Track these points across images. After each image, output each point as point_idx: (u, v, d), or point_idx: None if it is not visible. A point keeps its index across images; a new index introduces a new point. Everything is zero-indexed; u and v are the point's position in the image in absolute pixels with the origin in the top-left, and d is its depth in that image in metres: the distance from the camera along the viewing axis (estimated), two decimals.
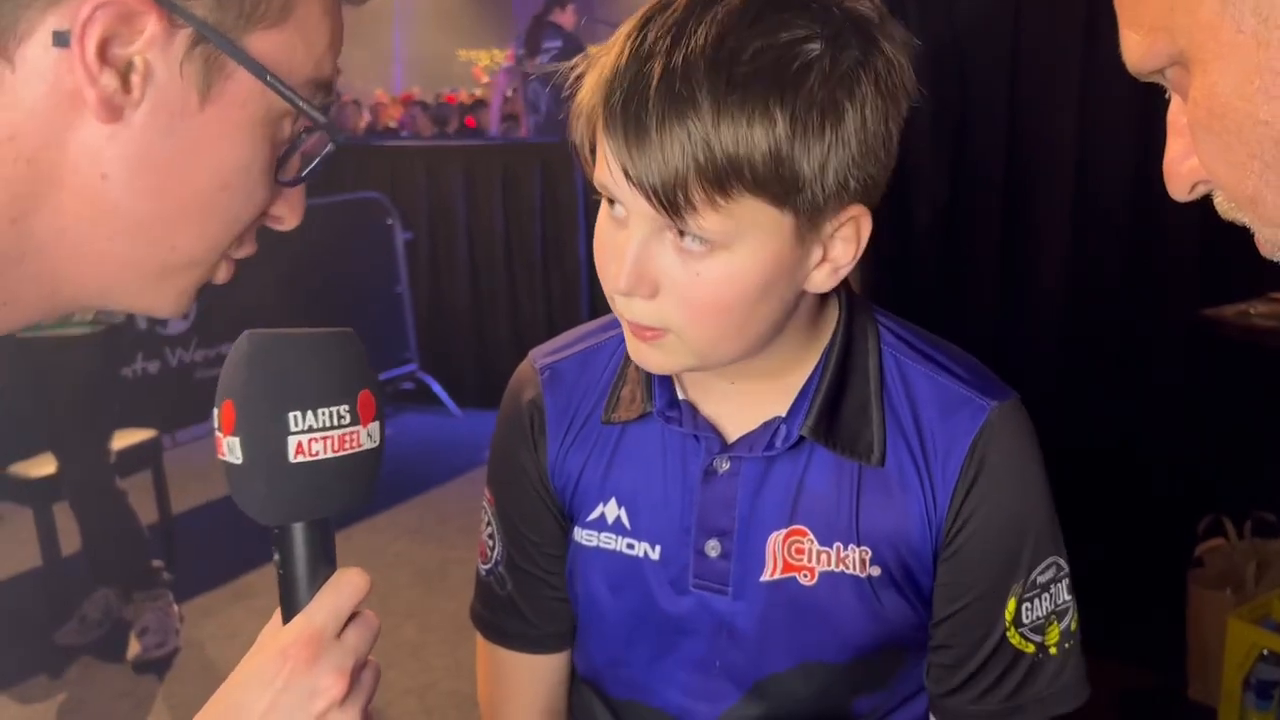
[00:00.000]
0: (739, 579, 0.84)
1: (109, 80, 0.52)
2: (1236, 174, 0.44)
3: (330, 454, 0.63)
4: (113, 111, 0.52)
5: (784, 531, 0.83)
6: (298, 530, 0.64)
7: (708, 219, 0.68)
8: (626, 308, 0.74)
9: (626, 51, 0.69)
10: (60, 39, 0.51)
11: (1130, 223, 2.77)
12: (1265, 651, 2.22)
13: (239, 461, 0.61)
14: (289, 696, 0.60)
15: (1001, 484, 0.82)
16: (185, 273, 0.59)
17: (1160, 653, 2.51)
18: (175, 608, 3.05)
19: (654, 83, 0.67)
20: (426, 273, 4.93)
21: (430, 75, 13.74)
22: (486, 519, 0.96)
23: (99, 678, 2.91)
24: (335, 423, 0.63)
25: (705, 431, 0.83)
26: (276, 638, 0.63)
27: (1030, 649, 0.84)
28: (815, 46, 0.68)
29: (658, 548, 0.86)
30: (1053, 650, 0.85)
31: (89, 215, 0.54)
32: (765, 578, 0.83)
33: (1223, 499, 2.50)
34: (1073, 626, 0.86)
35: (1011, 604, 0.83)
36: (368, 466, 0.66)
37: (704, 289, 0.71)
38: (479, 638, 0.98)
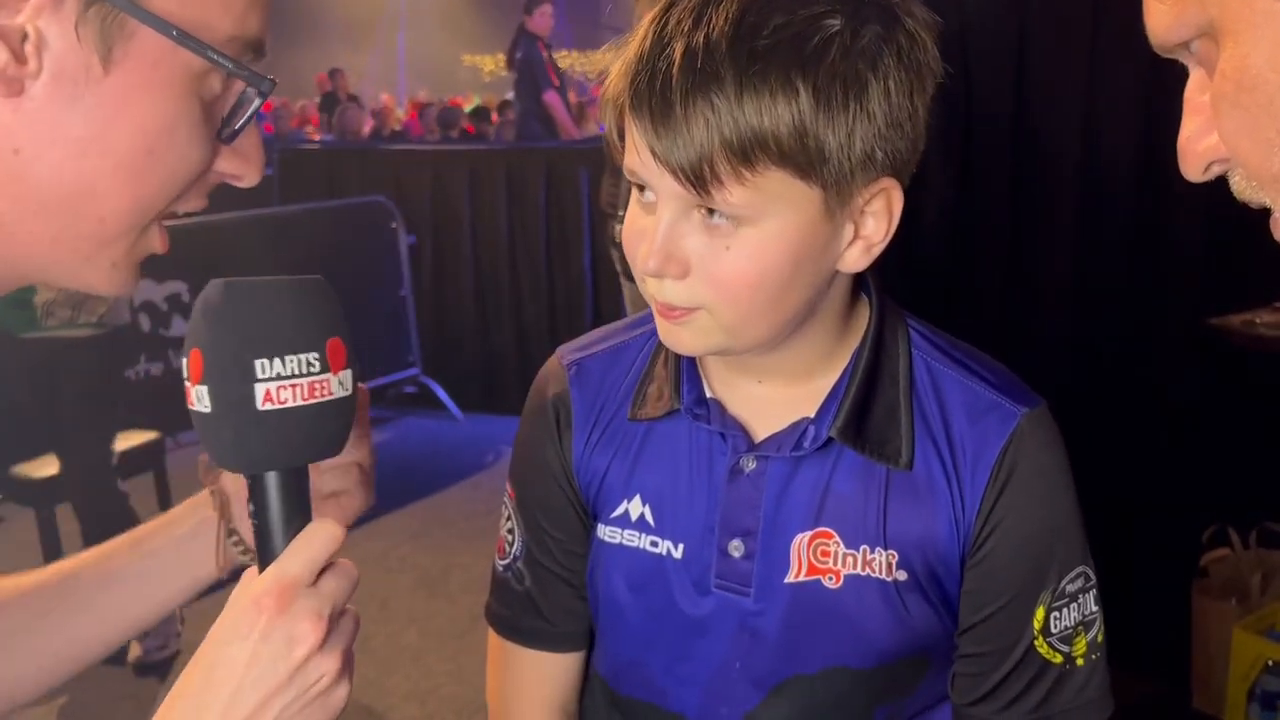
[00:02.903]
0: (762, 580, 0.83)
1: None
2: (1262, 151, 0.42)
3: (299, 402, 0.61)
4: (9, 85, 0.50)
5: (809, 534, 0.82)
6: (270, 480, 0.63)
7: (735, 193, 0.69)
8: (658, 289, 0.75)
9: (650, 36, 0.70)
10: None
11: (1135, 231, 2.76)
12: (1270, 662, 2.21)
13: (208, 410, 0.60)
14: (268, 646, 0.59)
15: (1031, 491, 0.81)
16: (118, 243, 0.57)
17: (1164, 662, 2.49)
18: (176, 610, 3.05)
19: (677, 62, 0.68)
20: (430, 277, 4.93)
21: (435, 80, 13.76)
22: (507, 514, 0.96)
23: (100, 680, 2.90)
24: (304, 370, 0.61)
25: (732, 429, 0.83)
26: (249, 588, 0.61)
27: (1058, 659, 0.83)
28: (835, 22, 0.68)
29: (681, 546, 0.85)
30: (1079, 661, 0.84)
31: (8, 193, 0.53)
32: (789, 579, 0.82)
33: (1228, 509, 2.49)
34: (1099, 638, 0.85)
35: (1040, 612, 0.82)
36: (340, 415, 0.64)
37: (733, 265, 0.71)
38: (490, 634, 0.97)
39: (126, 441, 3.13)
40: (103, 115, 0.52)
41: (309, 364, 0.61)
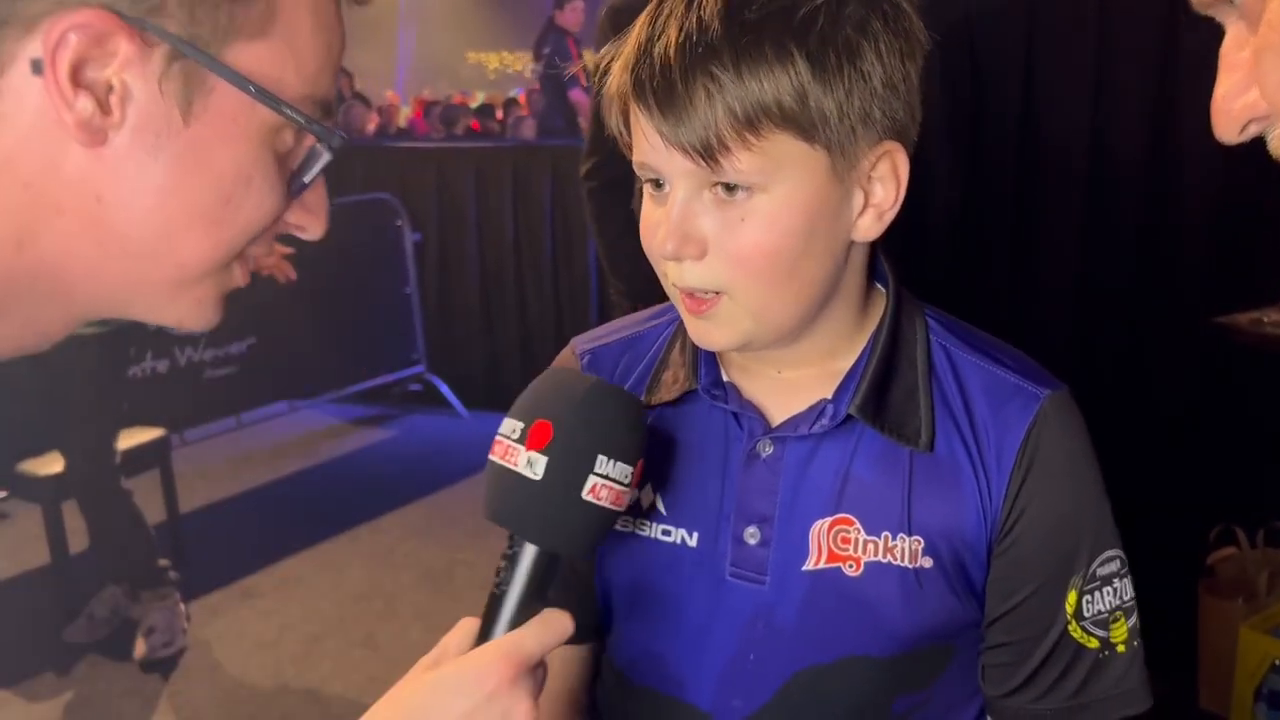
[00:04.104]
0: (778, 568, 0.82)
1: (84, 104, 0.52)
2: None
3: (607, 504, 0.67)
4: (93, 135, 0.52)
5: (829, 520, 0.81)
6: (537, 555, 0.67)
7: (743, 160, 0.70)
8: (678, 274, 0.75)
9: (645, 28, 0.73)
10: (36, 66, 0.51)
11: (1142, 228, 2.75)
12: (1277, 662, 2.20)
13: (535, 477, 0.66)
14: (491, 707, 0.63)
15: (1057, 475, 0.81)
16: (200, 284, 0.59)
17: (1171, 662, 2.48)
18: (182, 607, 3.06)
19: (673, 44, 0.70)
20: (435, 274, 4.93)
21: (440, 77, 13.77)
22: None
23: (106, 676, 2.91)
24: (622, 479, 0.68)
25: (749, 412, 0.83)
26: (490, 650, 0.65)
27: (1094, 644, 0.82)
28: None
29: (695, 534, 0.84)
30: (1120, 648, 0.83)
31: (92, 237, 0.55)
32: (808, 567, 0.81)
33: (1235, 508, 2.48)
34: (1138, 625, 0.84)
35: (1072, 596, 0.82)
36: (607, 527, 0.70)
37: (749, 236, 0.72)
38: None
39: (131, 439, 3.13)
40: (182, 166, 0.55)
41: (626, 474, 0.68)
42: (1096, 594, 0.82)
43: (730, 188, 0.72)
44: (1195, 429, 2.65)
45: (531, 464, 0.66)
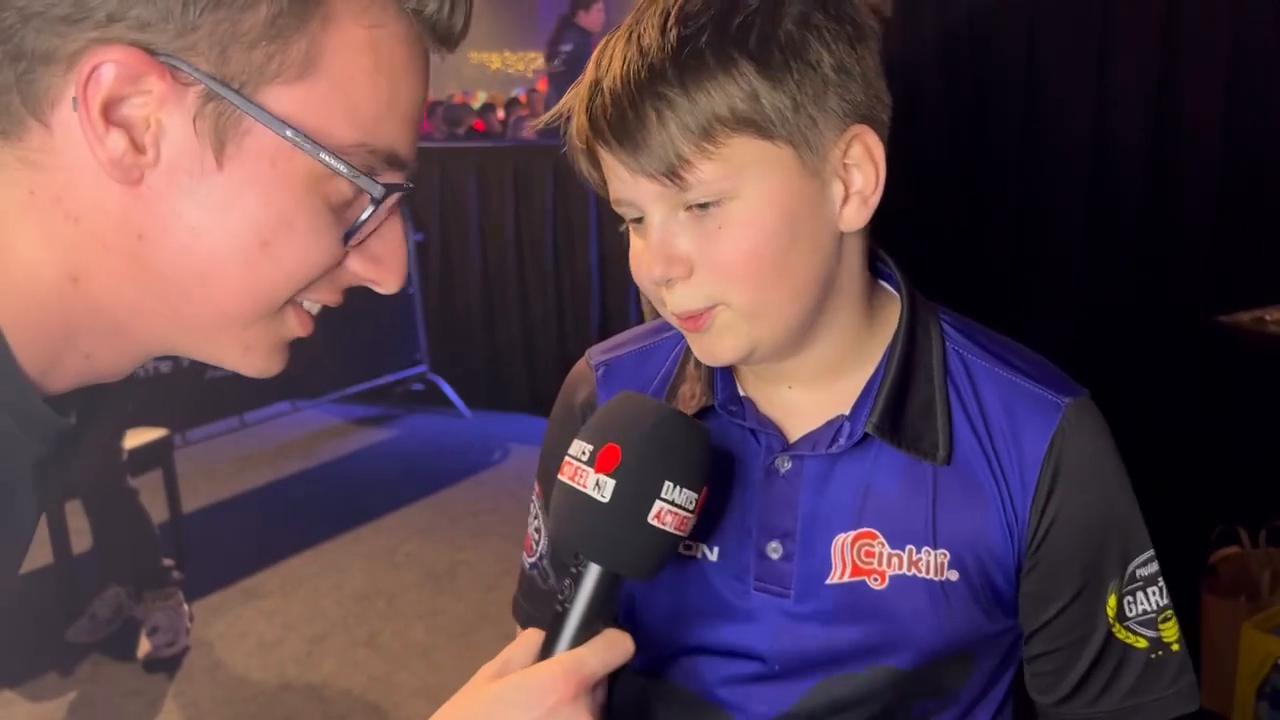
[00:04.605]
0: (802, 581, 0.81)
1: (116, 142, 0.51)
2: None
3: (671, 529, 0.69)
4: (127, 172, 0.52)
5: (852, 534, 0.81)
6: (602, 575, 0.69)
7: (706, 171, 0.70)
8: (671, 300, 0.75)
9: (592, 72, 0.74)
10: (75, 103, 0.51)
11: (1144, 227, 2.75)
12: (1279, 661, 2.20)
13: (603, 500, 0.67)
14: None
15: (1084, 484, 0.80)
16: (247, 329, 0.58)
17: None
18: (185, 606, 3.06)
19: (619, 78, 0.71)
20: (438, 274, 4.93)
21: (442, 77, 13.75)
22: (534, 512, 0.96)
23: (109, 676, 2.91)
24: (687, 505, 0.69)
25: (767, 428, 0.82)
26: (552, 665, 0.65)
27: (1142, 644, 0.81)
28: None
29: (715, 549, 0.84)
30: (1175, 647, 0.82)
31: (135, 276, 0.55)
32: (832, 580, 0.81)
33: (1237, 507, 2.48)
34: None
35: (1112, 600, 0.81)
36: (671, 551, 0.71)
37: (729, 243, 0.72)
38: (517, 629, 0.97)
39: (135, 439, 3.14)
40: (214, 206, 0.54)
41: (691, 500, 0.69)
42: (1140, 594, 0.81)
43: (704, 205, 0.72)
44: (1197, 427, 2.65)
45: (600, 486, 0.67)
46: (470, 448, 4.46)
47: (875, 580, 0.80)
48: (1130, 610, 0.81)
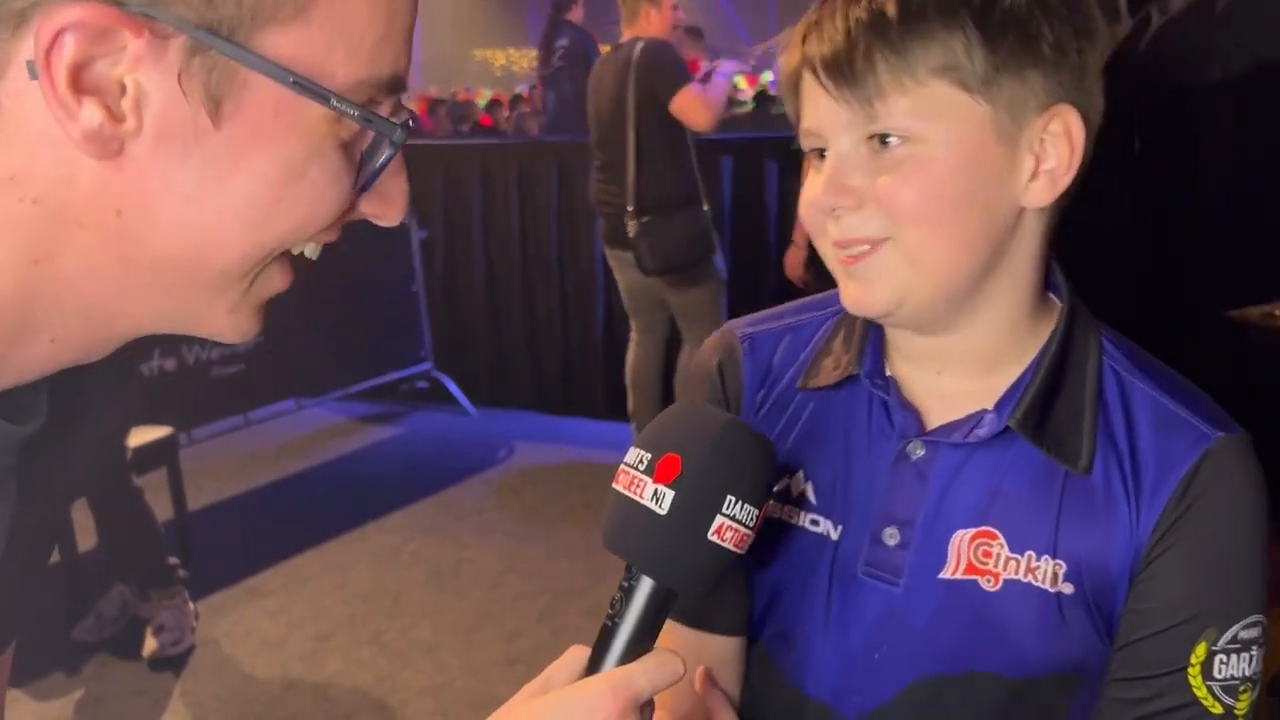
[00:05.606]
0: (914, 572, 0.79)
1: (90, 113, 0.45)
2: None
3: (731, 546, 0.65)
4: (104, 145, 0.46)
5: (972, 531, 0.78)
6: (653, 590, 0.65)
7: (900, 105, 0.71)
8: (837, 227, 0.75)
9: (816, 13, 0.75)
10: (32, 70, 0.44)
11: (1152, 221, 2.74)
12: None
13: (660, 512, 0.63)
14: None
15: (1215, 522, 0.76)
16: (230, 290, 0.53)
17: None
18: (191, 605, 3.06)
19: (839, 18, 0.72)
20: (442, 272, 4.93)
21: (446, 75, 13.77)
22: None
23: (115, 674, 2.91)
24: (748, 521, 0.65)
25: (907, 411, 0.81)
26: (596, 682, 0.62)
27: (1218, 710, 0.76)
28: None
29: (839, 528, 0.82)
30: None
31: (114, 253, 0.49)
32: (944, 575, 0.79)
33: None
34: (1259, 699, 0.78)
35: (1201, 648, 0.76)
36: (729, 569, 0.67)
37: (904, 180, 0.72)
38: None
39: (140, 437, 3.14)
40: (216, 172, 0.48)
41: (752, 518, 0.65)
42: (1234, 657, 0.76)
43: (885, 140, 0.72)
44: None
45: (658, 498, 0.63)
46: (475, 445, 4.46)
47: (988, 581, 0.78)
48: (1219, 671, 0.76)
